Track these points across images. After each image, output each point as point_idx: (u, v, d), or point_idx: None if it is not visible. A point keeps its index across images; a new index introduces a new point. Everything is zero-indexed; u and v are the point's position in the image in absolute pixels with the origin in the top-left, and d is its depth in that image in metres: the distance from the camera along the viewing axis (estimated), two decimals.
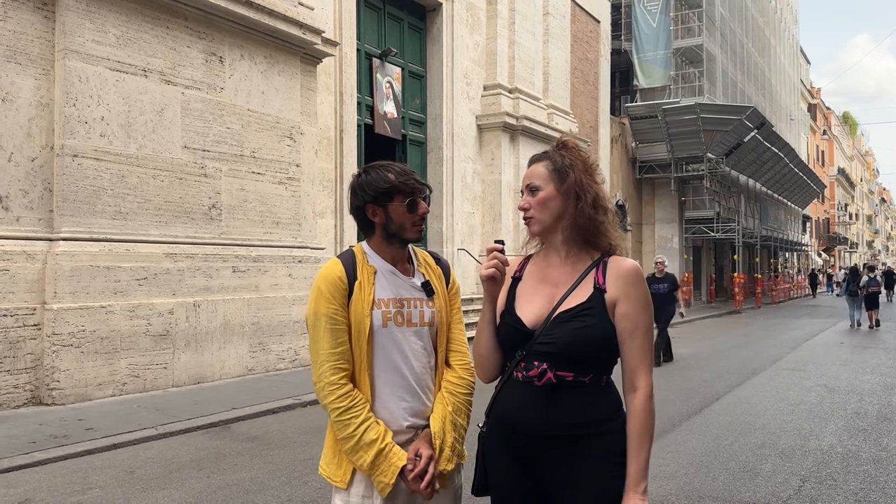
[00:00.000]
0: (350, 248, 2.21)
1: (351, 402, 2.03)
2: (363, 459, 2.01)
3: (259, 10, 9.74)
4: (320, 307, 2.06)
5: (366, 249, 2.17)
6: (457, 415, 2.15)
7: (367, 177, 2.12)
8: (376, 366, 2.09)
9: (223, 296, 9.26)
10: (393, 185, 2.09)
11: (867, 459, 5.82)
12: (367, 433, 2.02)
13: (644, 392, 1.93)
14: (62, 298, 7.52)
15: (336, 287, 2.07)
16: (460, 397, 2.18)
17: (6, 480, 5.16)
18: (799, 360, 12.13)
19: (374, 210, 2.11)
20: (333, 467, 2.11)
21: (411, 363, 2.12)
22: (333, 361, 2.04)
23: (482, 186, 16.90)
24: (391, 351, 2.10)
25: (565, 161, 2.01)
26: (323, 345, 2.05)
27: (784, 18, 44.79)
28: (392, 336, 2.10)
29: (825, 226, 64.01)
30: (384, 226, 2.12)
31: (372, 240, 2.17)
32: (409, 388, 2.11)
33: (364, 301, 2.07)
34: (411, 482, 2.01)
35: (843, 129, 76.54)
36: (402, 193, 2.09)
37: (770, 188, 35.69)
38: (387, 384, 2.09)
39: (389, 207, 2.09)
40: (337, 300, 2.06)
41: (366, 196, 2.10)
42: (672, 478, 5.24)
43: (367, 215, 2.12)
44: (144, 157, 8.54)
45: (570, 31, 20.72)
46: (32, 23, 7.76)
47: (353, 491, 2.08)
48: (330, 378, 2.04)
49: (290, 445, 6.15)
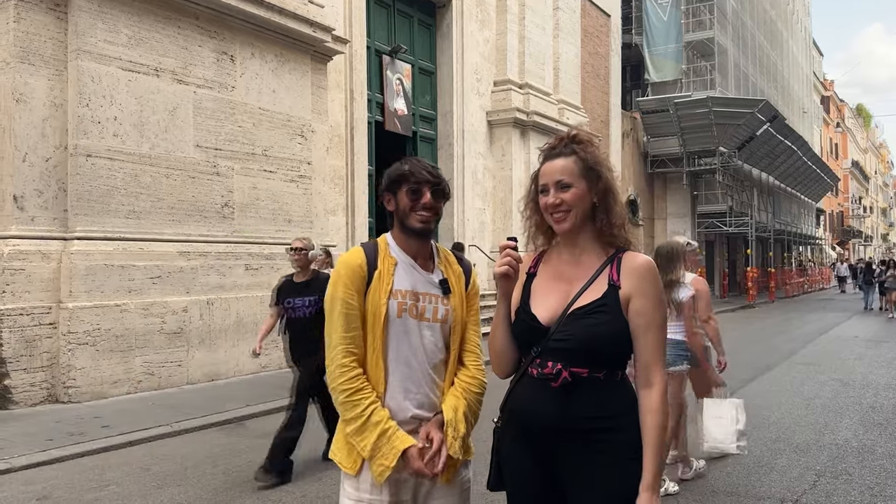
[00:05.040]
0: (374, 239, 2.28)
1: (361, 384, 2.08)
2: (367, 440, 2.04)
3: (270, 8, 9.77)
4: (338, 291, 2.12)
5: (389, 241, 2.23)
6: (469, 410, 2.18)
7: (389, 169, 2.23)
8: (388, 355, 2.12)
9: (236, 293, 9.31)
10: (402, 173, 2.17)
11: (883, 454, 5.78)
12: (374, 414, 2.06)
13: (659, 389, 1.92)
14: (77, 297, 7.58)
15: (355, 273, 2.12)
16: (473, 395, 2.21)
17: (24, 477, 5.22)
18: (813, 355, 12.05)
19: (389, 198, 2.20)
20: (345, 453, 2.14)
21: (421, 356, 2.15)
22: (346, 345, 2.09)
23: (493, 182, 16.88)
24: (403, 342, 2.13)
25: (594, 158, 2.01)
26: (336, 328, 2.10)
27: (796, 10, 44.40)
28: (406, 327, 2.13)
29: (839, 219, 63.52)
30: (395, 214, 2.20)
31: (393, 231, 2.24)
32: (416, 380, 2.14)
33: (382, 290, 2.11)
34: (424, 464, 2.02)
35: (857, 121, 75.85)
36: (408, 181, 2.15)
37: (783, 182, 35.41)
38: (396, 373, 2.13)
39: (398, 195, 2.17)
40: (354, 286, 2.11)
41: (382, 186, 2.21)
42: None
43: (385, 203, 2.22)
44: (157, 157, 8.58)
45: (580, 25, 20.65)
46: (45, 24, 7.81)
47: (362, 477, 2.10)
48: (342, 360, 2.09)
49: (304, 442, 6.17)
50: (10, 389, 7.18)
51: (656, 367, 1.93)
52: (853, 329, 17.19)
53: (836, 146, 63.59)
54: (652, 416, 1.90)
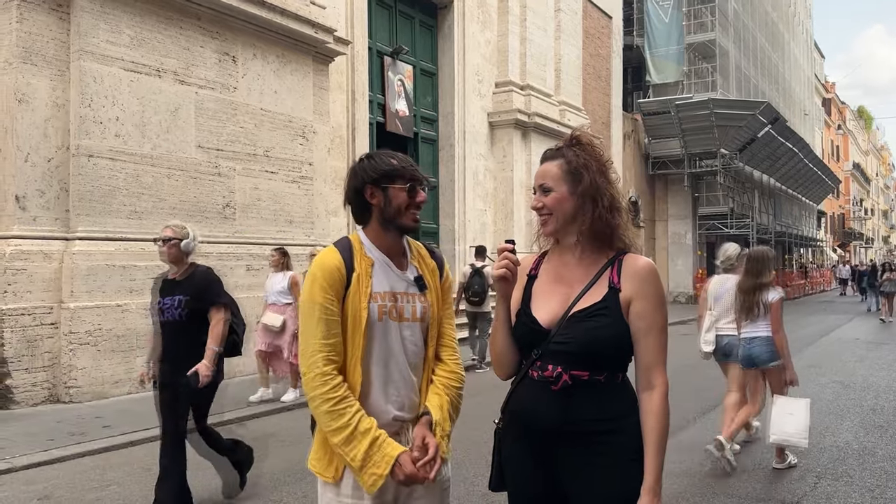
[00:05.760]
0: (346, 238, 2.17)
1: (344, 392, 2.01)
2: (357, 450, 1.97)
3: (272, 9, 9.78)
4: (316, 296, 2.03)
5: (363, 239, 2.15)
6: (451, 407, 2.17)
7: (370, 161, 2.13)
8: (369, 358, 2.08)
9: (237, 294, 9.17)
10: (395, 168, 2.10)
11: (883, 456, 5.78)
12: (362, 423, 1.99)
13: (661, 391, 1.93)
14: (79, 297, 7.59)
15: (333, 277, 2.05)
16: (454, 391, 2.19)
17: (25, 477, 5.23)
18: (814, 357, 12.03)
19: (373, 192, 2.10)
20: (324, 463, 2.09)
21: (401, 358, 2.11)
22: (326, 352, 2.01)
23: (494, 183, 16.88)
24: (383, 345, 2.09)
25: (579, 161, 1.98)
26: (316, 334, 2.02)
27: (798, 12, 44.39)
28: (385, 330, 2.09)
29: (840, 221, 63.46)
30: (382, 209, 2.10)
31: (368, 228, 2.15)
32: (396, 382, 2.11)
33: (362, 293, 2.06)
34: (419, 469, 1.97)
35: (858, 123, 75.80)
36: (403, 178, 2.10)
37: (784, 184, 35.40)
38: (376, 377, 2.09)
39: (390, 190, 2.08)
40: (333, 290, 2.04)
41: (366, 177, 2.10)
42: (687, 475, 5.23)
43: (366, 197, 2.10)
44: (159, 157, 8.60)
45: (581, 27, 20.66)
46: (48, 24, 7.83)
47: (343, 483, 2.06)
48: (323, 368, 2.01)
49: (304, 442, 6.16)
50: (12, 389, 7.19)
51: (658, 369, 1.94)
52: (854, 331, 17.17)
53: (838, 148, 63.55)
54: (654, 418, 1.91)
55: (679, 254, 27.65)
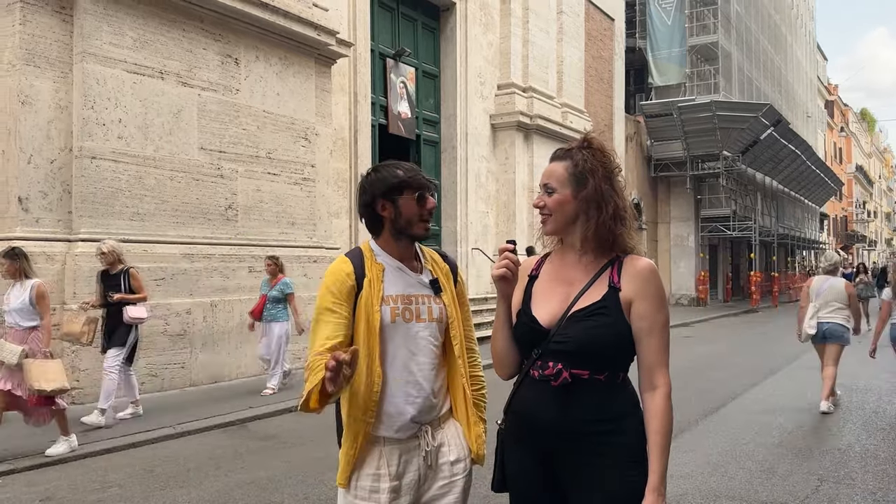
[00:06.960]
0: (357, 247, 2.24)
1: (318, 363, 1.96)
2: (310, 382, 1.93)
3: (274, 11, 9.80)
4: (325, 302, 2.10)
5: (373, 248, 2.21)
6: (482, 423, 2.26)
7: (377, 174, 2.18)
8: (385, 360, 2.11)
9: (240, 296, 9.33)
10: (402, 179, 2.14)
11: (886, 458, 5.76)
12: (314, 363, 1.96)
13: (663, 391, 1.93)
14: (81, 299, 7.58)
15: (342, 283, 2.10)
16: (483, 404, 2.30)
17: (27, 479, 5.24)
18: (816, 360, 11.96)
19: (384, 204, 2.14)
20: (339, 471, 2.14)
21: (418, 359, 2.14)
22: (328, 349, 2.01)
23: (496, 186, 16.88)
24: (399, 347, 2.12)
25: (587, 165, 1.98)
26: (319, 335, 2.07)
27: (800, 14, 44.37)
28: (400, 332, 2.12)
29: (843, 223, 63.39)
30: (393, 221, 2.15)
31: (380, 238, 2.21)
32: (415, 384, 2.13)
33: (373, 297, 2.10)
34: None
35: (861, 125, 75.70)
36: (411, 188, 2.14)
37: (787, 186, 35.35)
38: (395, 378, 2.12)
39: (399, 201, 2.13)
40: (342, 296, 2.08)
41: (375, 191, 2.14)
42: (689, 477, 5.22)
43: (377, 210, 2.15)
44: (161, 159, 8.61)
45: (584, 29, 20.65)
46: (51, 26, 7.85)
47: (352, 485, 2.11)
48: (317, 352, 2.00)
49: (306, 444, 6.19)
50: None
51: (660, 369, 1.94)
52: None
53: (840, 150, 63.48)
54: (657, 418, 1.91)
55: (681, 256, 27.62)
